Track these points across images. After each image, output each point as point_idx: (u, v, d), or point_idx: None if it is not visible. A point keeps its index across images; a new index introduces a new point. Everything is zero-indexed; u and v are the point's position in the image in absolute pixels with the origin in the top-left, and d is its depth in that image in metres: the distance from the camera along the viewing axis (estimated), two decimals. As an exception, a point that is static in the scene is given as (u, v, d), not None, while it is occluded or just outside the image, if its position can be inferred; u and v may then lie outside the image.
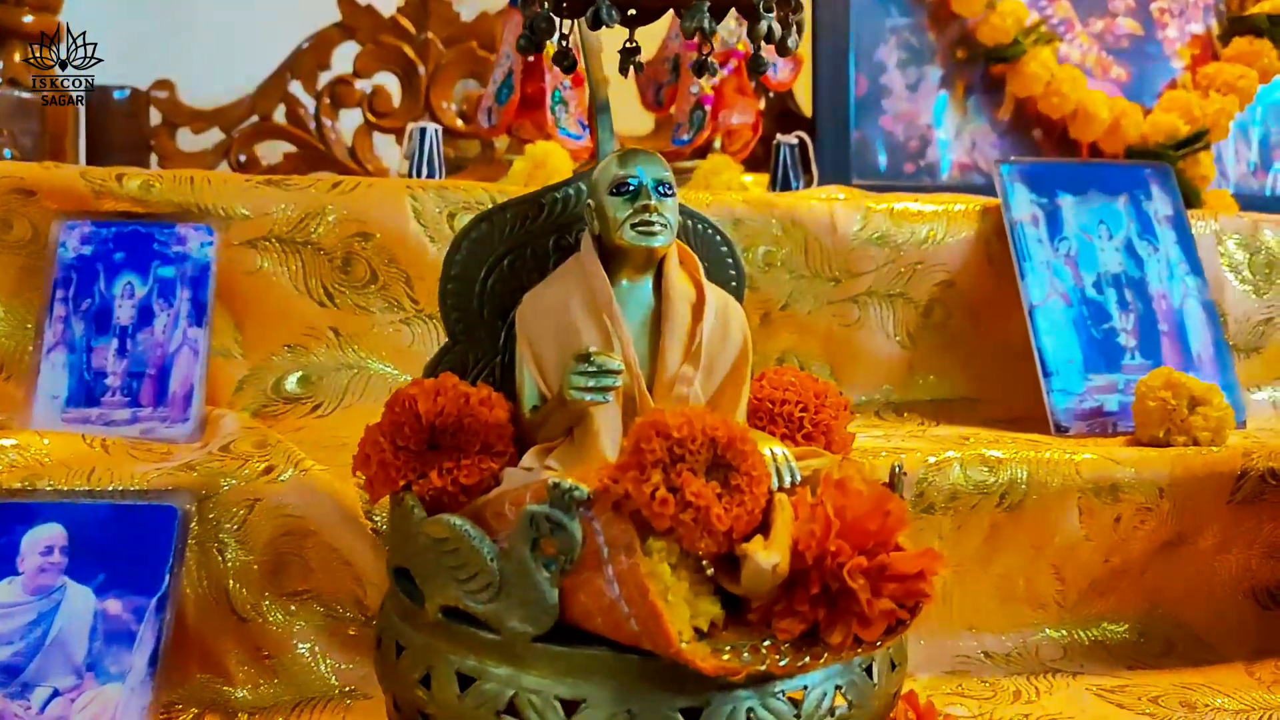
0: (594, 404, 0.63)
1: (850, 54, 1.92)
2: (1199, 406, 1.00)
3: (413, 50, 2.08)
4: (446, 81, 2.07)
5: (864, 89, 1.93)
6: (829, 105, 1.94)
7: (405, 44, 2.06)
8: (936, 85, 1.94)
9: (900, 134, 1.93)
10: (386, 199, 1.04)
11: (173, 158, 2.00)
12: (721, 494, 0.57)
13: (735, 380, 0.72)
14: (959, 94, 1.95)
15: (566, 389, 0.63)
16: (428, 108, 2.04)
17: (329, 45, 2.03)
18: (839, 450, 0.76)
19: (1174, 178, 1.22)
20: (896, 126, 1.93)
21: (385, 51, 2.06)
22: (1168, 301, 1.15)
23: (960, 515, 0.93)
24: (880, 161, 1.93)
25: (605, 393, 0.63)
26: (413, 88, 2.07)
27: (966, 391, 1.17)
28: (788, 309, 1.13)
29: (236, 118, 2.03)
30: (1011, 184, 1.16)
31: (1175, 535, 0.97)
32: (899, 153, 1.93)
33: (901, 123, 1.93)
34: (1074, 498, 0.94)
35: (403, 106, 2.05)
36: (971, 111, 1.96)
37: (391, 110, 2.05)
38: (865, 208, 1.15)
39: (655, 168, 0.70)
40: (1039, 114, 1.95)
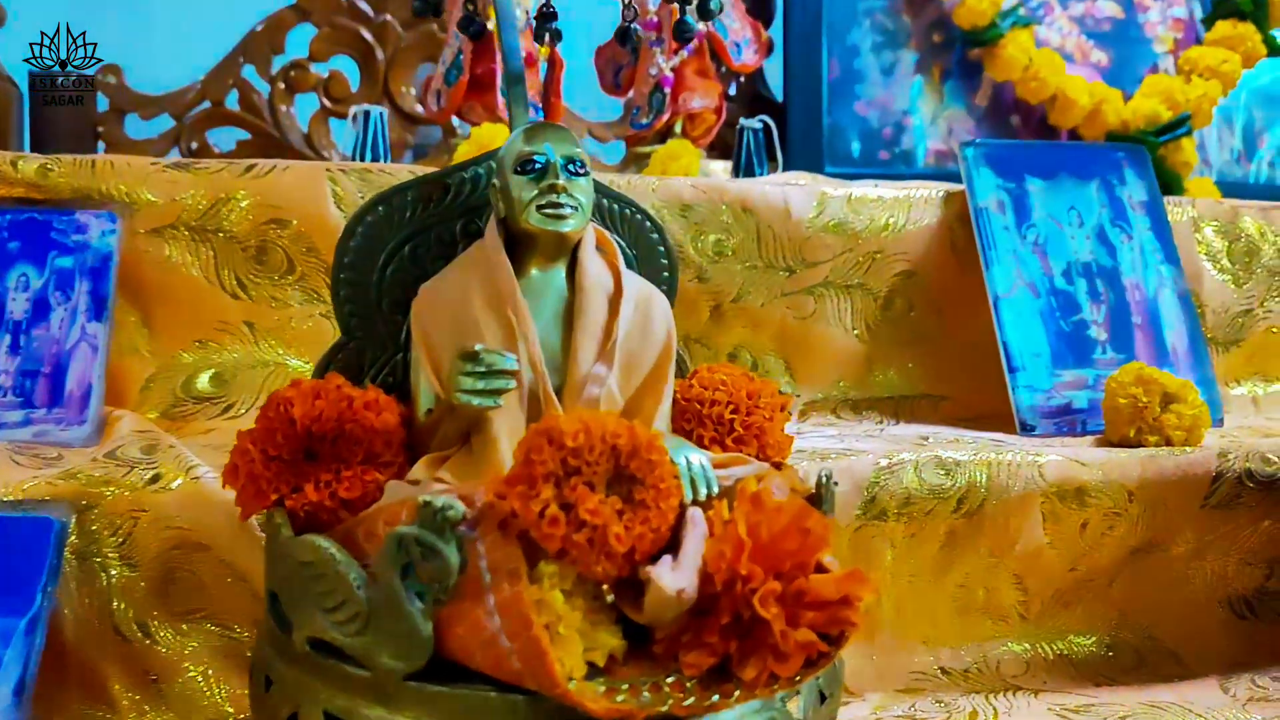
0: (484, 408, 0.56)
1: (822, 37, 1.86)
2: (1172, 404, 0.94)
3: (370, 33, 2.00)
4: (405, 65, 2.00)
5: (837, 73, 1.86)
6: (800, 90, 1.88)
7: (363, 26, 1.98)
8: (912, 69, 1.88)
9: (874, 120, 1.87)
10: (304, 183, 0.97)
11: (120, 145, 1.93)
12: (623, 510, 0.51)
13: (657, 380, 0.65)
14: (935, 79, 1.89)
15: (453, 391, 0.56)
16: (386, 92, 1.97)
17: (283, 28, 1.95)
18: (774, 455, 0.69)
19: (1149, 161, 1.16)
20: (870, 112, 1.87)
21: (342, 34, 1.99)
22: (1141, 292, 1.08)
23: (915, 522, 0.86)
24: (854, 148, 1.86)
25: (496, 395, 0.56)
26: (371, 72, 1.99)
27: (929, 388, 1.11)
28: (740, 301, 1.06)
29: (187, 104, 1.95)
30: (976, 167, 1.09)
31: (1145, 542, 0.91)
32: (873, 139, 1.86)
33: (876, 108, 1.87)
34: (1037, 502, 0.88)
35: (361, 91, 1.97)
36: (948, 97, 1.90)
37: (349, 95, 1.97)
38: (821, 194, 1.08)
39: (565, 144, 0.63)
40: (1017, 99, 1.88)
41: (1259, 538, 0.94)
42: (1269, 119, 2.06)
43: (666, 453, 0.53)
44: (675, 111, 1.50)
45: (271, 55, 1.96)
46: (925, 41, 1.90)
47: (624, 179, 1.05)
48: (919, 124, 1.88)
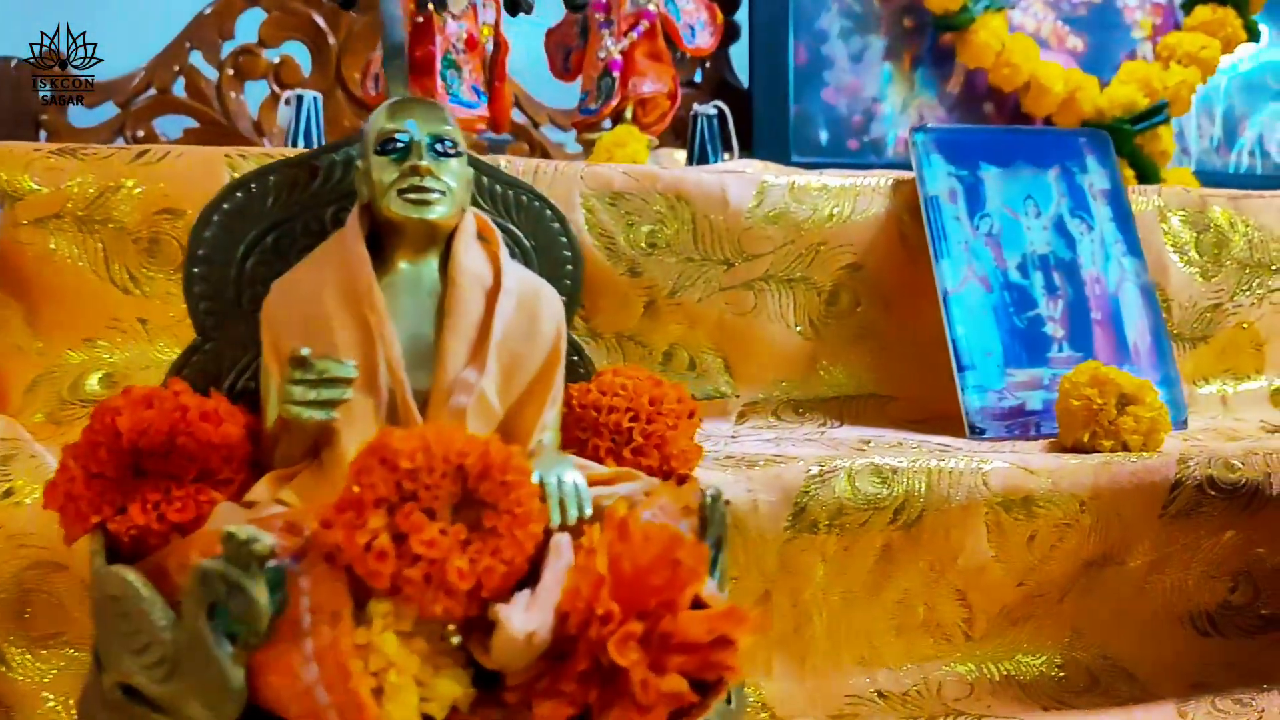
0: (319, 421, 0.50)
1: (789, 21, 1.79)
2: (1129, 406, 0.88)
3: (322, 17, 1.93)
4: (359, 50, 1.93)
5: (804, 59, 1.80)
6: (766, 77, 1.81)
7: (314, 10, 1.91)
8: (881, 56, 1.81)
9: (843, 107, 1.80)
10: (200, 170, 0.90)
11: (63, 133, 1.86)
12: (469, 540, 0.44)
13: (542, 385, 0.59)
14: (905, 65, 1.83)
15: (281, 401, 0.49)
16: (339, 78, 1.90)
17: (232, 12, 1.88)
18: (679, 467, 0.62)
19: (1112, 147, 1.09)
20: (839, 99, 1.80)
21: (292, 19, 1.92)
22: (1102, 286, 1.02)
23: (848, 534, 0.80)
24: (821, 137, 1.80)
25: (329, 407, 0.49)
26: (322, 57, 1.92)
27: (876, 388, 1.05)
28: (675, 296, 1.00)
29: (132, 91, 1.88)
30: (927, 154, 1.03)
31: (1099, 554, 0.85)
32: (841, 127, 1.80)
33: (844, 96, 1.80)
34: (981, 513, 0.82)
35: (312, 77, 1.91)
36: (919, 84, 1.84)
37: (300, 81, 1.90)
38: (761, 183, 1.01)
39: (433, 121, 0.57)
40: (991, 87, 1.82)
41: (1222, 549, 0.88)
42: (1250, 107, 2.00)
43: (527, 472, 0.46)
44: (625, 96, 1.43)
45: (220, 41, 1.89)
46: (895, 27, 1.84)
47: (551, 165, 0.98)
48: (889, 112, 1.82)
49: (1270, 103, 2.01)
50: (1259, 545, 0.89)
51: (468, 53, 1.40)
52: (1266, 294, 1.15)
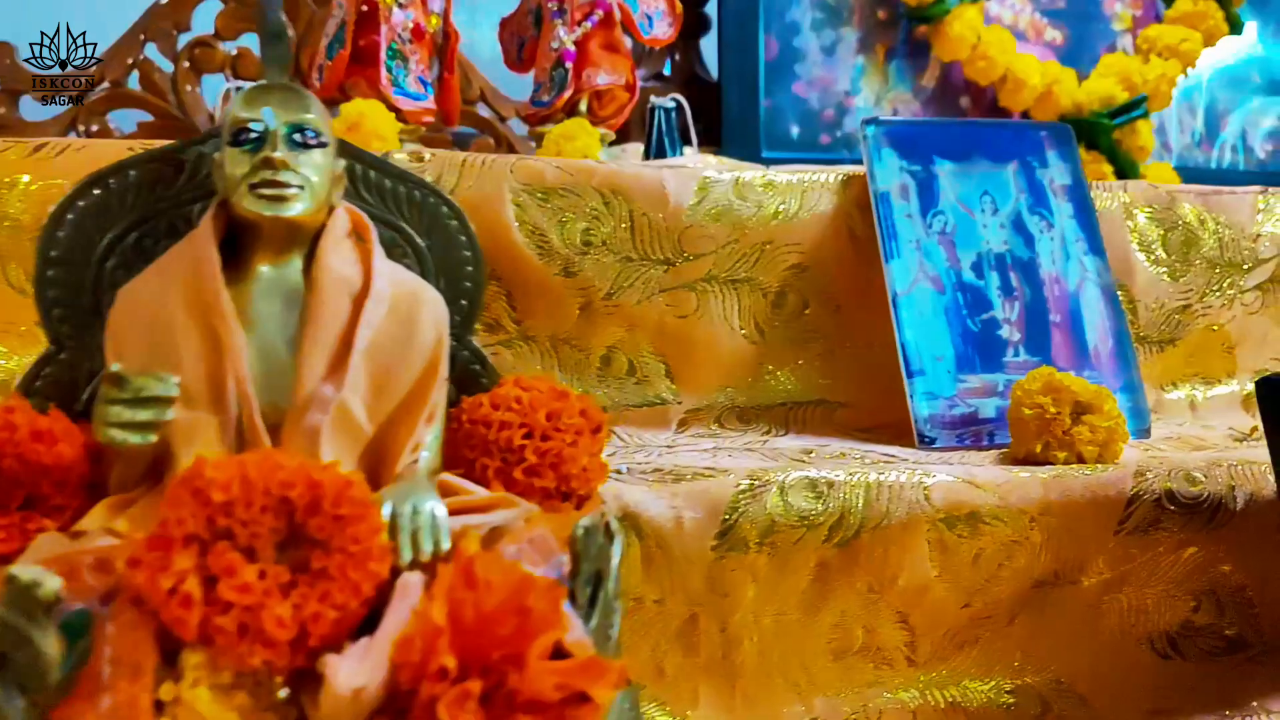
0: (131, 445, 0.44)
1: (759, 14, 1.74)
2: (1085, 415, 0.83)
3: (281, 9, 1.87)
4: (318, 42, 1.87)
5: (775, 52, 1.74)
6: (736, 70, 1.76)
7: (271, 1, 1.85)
8: (854, 48, 1.76)
9: (814, 101, 1.75)
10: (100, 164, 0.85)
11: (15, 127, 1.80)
12: (294, 583, 0.39)
13: (417, 399, 0.53)
14: (879, 58, 1.78)
15: (96, 424, 0.44)
16: (298, 71, 1.84)
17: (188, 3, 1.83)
18: (579, 488, 0.57)
19: (1075, 141, 1.04)
20: (811, 93, 1.75)
21: (250, 10, 1.86)
22: (1061, 286, 0.97)
23: (780, 553, 0.75)
24: (793, 131, 1.74)
25: (147, 430, 0.44)
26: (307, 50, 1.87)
27: (825, 394, 0.99)
28: (613, 298, 0.94)
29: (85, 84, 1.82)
30: (878, 148, 0.98)
31: (1051, 573, 0.80)
32: (813, 122, 1.74)
33: (816, 89, 1.75)
34: (922, 530, 0.77)
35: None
36: (893, 77, 1.78)
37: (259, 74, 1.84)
38: (703, 178, 0.96)
39: (292, 108, 0.51)
40: (967, 80, 1.77)
41: (1183, 567, 0.83)
42: (1232, 101, 1.95)
43: (368, 503, 0.41)
44: (579, 88, 1.38)
45: (175, 32, 1.84)
46: (869, 19, 1.78)
47: (479, 159, 0.93)
48: (862, 106, 1.77)
49: (1253, 97, 1.96)
50: (1223, 562, 0.84)
51: (414, 43, 1.35)
52: (1238, 294, 1.10)
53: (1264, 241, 1.11)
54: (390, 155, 0.92)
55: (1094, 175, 1.63)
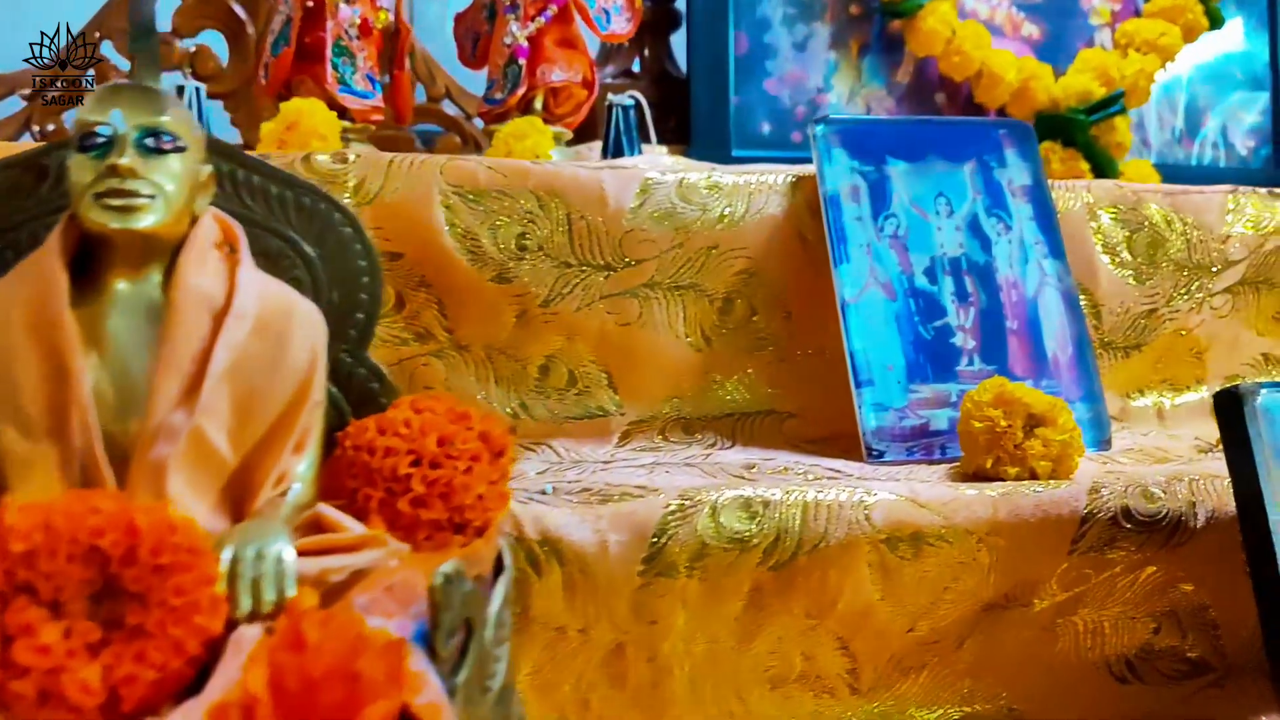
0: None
1: (729, 9, 1.69)
2: (1038, 428, 0.79)
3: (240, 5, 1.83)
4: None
5: (745, 48, 1.70)
6: (705, 66, 1.71)
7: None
8: (826, 44, 1.71)
9: (786, 99, 1.70)
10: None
11: (-35, 128, 1.75)
12: (107, 641, 0.35)
13: (286, 426, 0.49)
14: (852, 54, 1.73)
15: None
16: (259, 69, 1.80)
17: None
18: (474, 519, 0.53)
19: (1035, 139, 1.00)
20: (782, 90, 1.70)
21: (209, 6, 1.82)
22: (1019, 291, 0.93)
23: (712, 577, 0.71)
24: (764, 129, 1.70)
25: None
26: (240, 47, 1.82)
27: (774, 403, 0.95)
28: (551, 305, 0.90)
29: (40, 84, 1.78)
30: (829, 147, 0.94)
31: (1001, 596, 0.76)
32: (785, 119, 1.69)
33: (788, 86, 1.70)
34: (863, 551, 0.73)
35: (230, 68, 1.80)
36: (866, 73, 1.74)
37: (219, 73, 1.80)
38: (645, 179, 0.92)
39: (143, 111, 0.47)
40: (942, 76, 1.73)
41: (1142, 588, 0.79)
42: (1213, 98, 1.91)
43: (198, 549, 0.37)
44: (533, 85, 1.33)
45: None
46: (841, 14, 1.74)
47: (407, 159, 0.89)
48: (835, 103, 1.72)
49: (1234, 93, 1.92)
50: (1184, 582, 0.80)
51: (362, 39, 1.31)
52: (1207, 298, 1.06)
53: (1234, 243, 1.07)
54: (313, 156, 0.88)
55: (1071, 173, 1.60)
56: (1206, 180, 1.68)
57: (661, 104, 1.78)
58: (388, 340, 0.88)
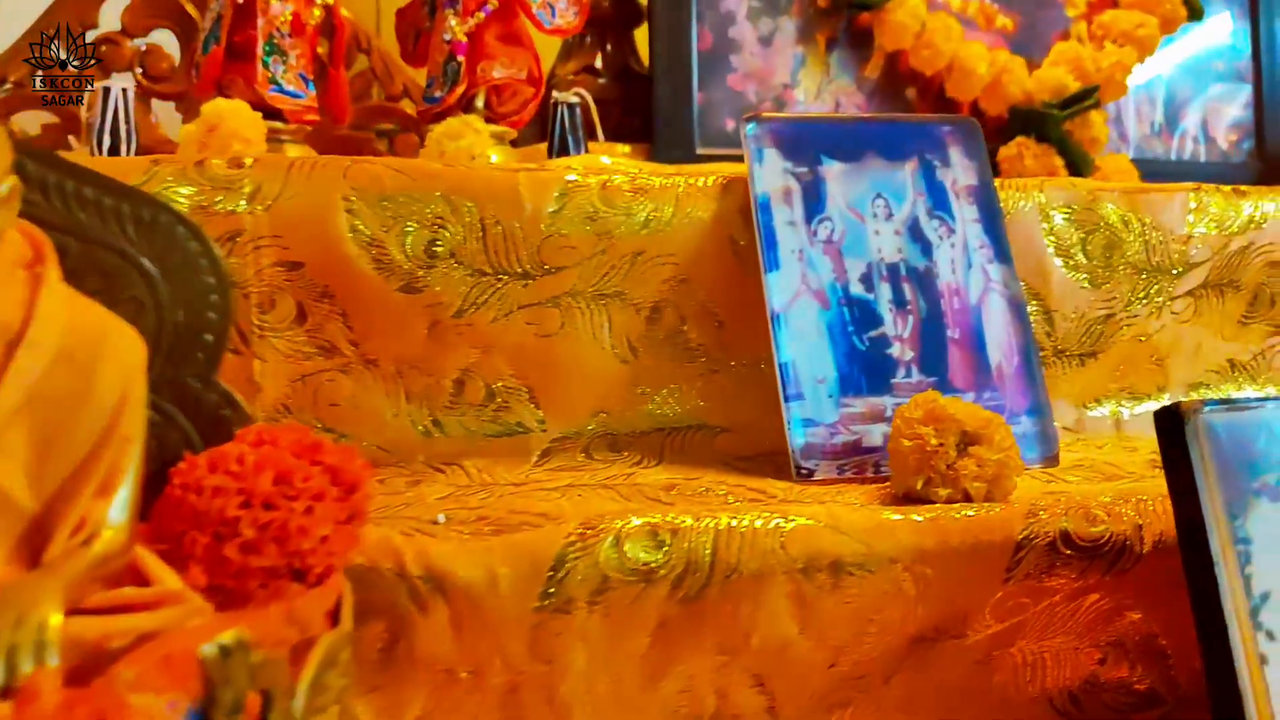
0: None
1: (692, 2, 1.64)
2: (972, 446, 0.74)
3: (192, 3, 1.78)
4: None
5: (709, 43, 1.65)
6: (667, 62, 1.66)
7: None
8: (793, 38, 1.67)
9: (751, 95, 1.65)
10: None
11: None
12: None
13: (92, 466, 0.44)
14: (820, 49, 1.68)
15: None
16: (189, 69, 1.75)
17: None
18: (315, 564, 0.48)
19: (981, 137, 0.95)
20: (747, 86, 1.65)
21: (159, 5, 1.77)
22: (961, 298, 0.88)
23: (615, 612, 0.66)
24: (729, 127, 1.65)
25: None
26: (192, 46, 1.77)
27: (706, 418, 0.90)
28: (465, 316, 0.85)
29: (-13, 86, 1.73)
30: (760, 148, 0.88)
31: (930, 628, 0.71)
32: (750, 116, 1.64)
33: (753, 82, 1.65)
34: (779, 581, 0.67)
35: (182, 67, 1.76)
36: (835, 68, 1.69)
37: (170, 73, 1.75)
38: (564, 181, 0.87)
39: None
40: (912, 70, 1.68)
41: (1084, 616, 0.74)
42: (1194, 91, 1.86)
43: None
44: (474, 83, 1.28)
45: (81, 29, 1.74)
46: (808, 7, 1.69)
47: (306, 163, 0.83)
48: (802, 99, 1.67)
49: (1215, 86, 1.87)
50: (1131, 609, 0.75)
51: (294, 37, 1.26)
52: (1167, 302, 1.01)
53: (1195, 244, 1.02)
54: (206, 162, 0.83)
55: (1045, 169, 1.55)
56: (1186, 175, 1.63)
57: (625, 101, 1.74)
58: (289, 355, 0.83)
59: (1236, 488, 0.62)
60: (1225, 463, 0.63)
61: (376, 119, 1.74)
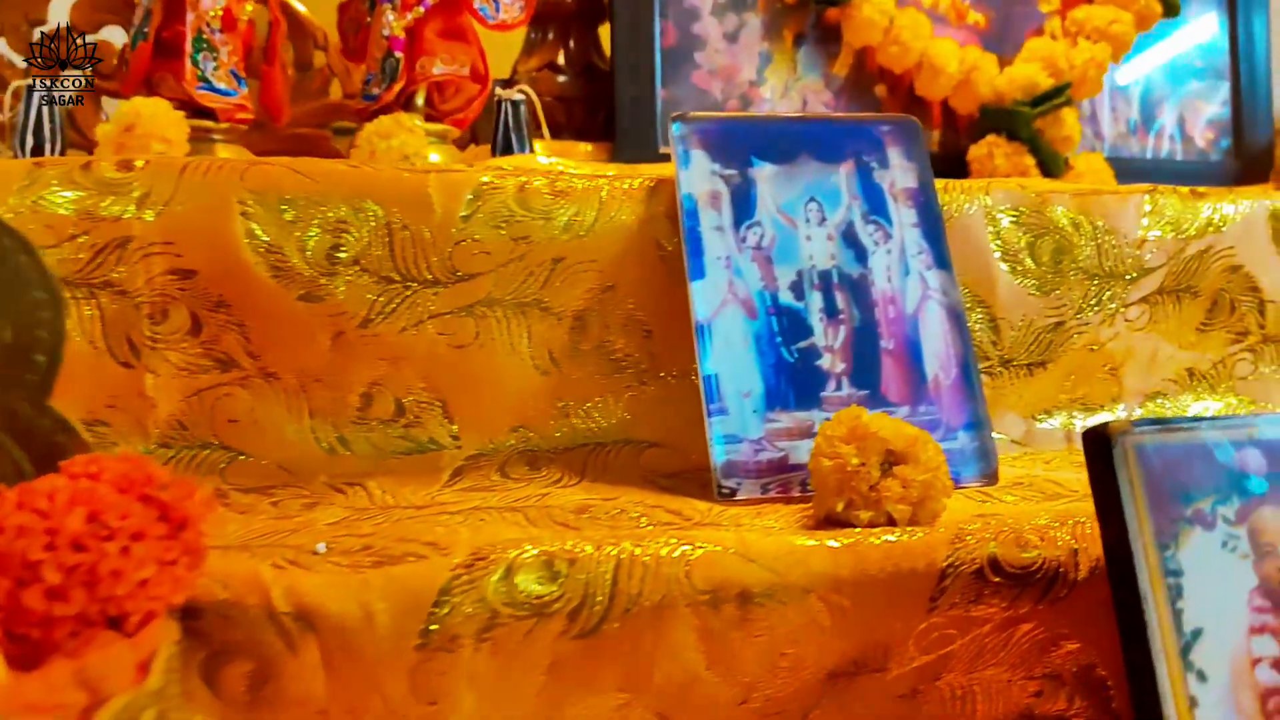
0: None
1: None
2: (897, 466, 0.69)
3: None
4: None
5: (673, 39, 1.61)
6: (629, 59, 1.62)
7: (131, -11, 1.72)
8: (759, 34, 1.63)
9: (717, 92, 1.61)
10: None
11: None
12: None
13: None
14: (787, 45, 1.64)
15: None
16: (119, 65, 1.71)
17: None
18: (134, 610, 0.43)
19: (921, 137, 0.90)
20: (712, 84, 1.61)
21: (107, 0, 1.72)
22: (897, 307, 0.83)
23: (505, 649, 0.61)
24: (693, 126, 1.60)
25: None
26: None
27: (632, 433, 0.86)
28: (370, 325, 0.80)
29: (-65, 85, 1.69)
30: (687, 149, 0.84)
31: (850, 662, 0.66)
32: (716, 115, 1.60)
33: (718, 79, 1.61)
34: (683, 614, 0.63)
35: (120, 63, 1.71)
36: (802, 65, 1.65)
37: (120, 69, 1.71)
38: (477, 184, 0.82)
39: None
40: (882, 68, 1.64)
41: (1018, 648, 0.69)
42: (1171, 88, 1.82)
43: None
44: (413, 80, 1.24)
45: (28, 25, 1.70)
46: (775, 3, 1.65)
47: (200, 165, 0.79)
48: (768, 97, 1.63)
49: (1192, 83, 1.83)
50: (1068, 639, 0.70)
51: (225, 32, 1.21)
52: (1120, 309, 0.97)
53: (1150, 248, 0.97)
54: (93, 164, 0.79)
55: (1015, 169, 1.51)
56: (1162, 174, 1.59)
57: (588, 99, 1.70)
58: (184, 368, 0.78)
59: (1168, 515, 0.58)
60: (1156, 488, 0.58)
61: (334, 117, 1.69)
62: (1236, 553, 0.58)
